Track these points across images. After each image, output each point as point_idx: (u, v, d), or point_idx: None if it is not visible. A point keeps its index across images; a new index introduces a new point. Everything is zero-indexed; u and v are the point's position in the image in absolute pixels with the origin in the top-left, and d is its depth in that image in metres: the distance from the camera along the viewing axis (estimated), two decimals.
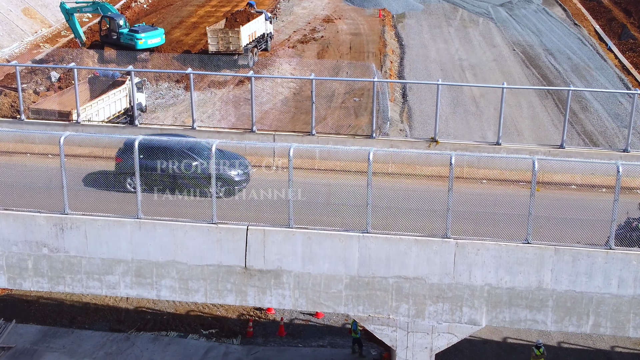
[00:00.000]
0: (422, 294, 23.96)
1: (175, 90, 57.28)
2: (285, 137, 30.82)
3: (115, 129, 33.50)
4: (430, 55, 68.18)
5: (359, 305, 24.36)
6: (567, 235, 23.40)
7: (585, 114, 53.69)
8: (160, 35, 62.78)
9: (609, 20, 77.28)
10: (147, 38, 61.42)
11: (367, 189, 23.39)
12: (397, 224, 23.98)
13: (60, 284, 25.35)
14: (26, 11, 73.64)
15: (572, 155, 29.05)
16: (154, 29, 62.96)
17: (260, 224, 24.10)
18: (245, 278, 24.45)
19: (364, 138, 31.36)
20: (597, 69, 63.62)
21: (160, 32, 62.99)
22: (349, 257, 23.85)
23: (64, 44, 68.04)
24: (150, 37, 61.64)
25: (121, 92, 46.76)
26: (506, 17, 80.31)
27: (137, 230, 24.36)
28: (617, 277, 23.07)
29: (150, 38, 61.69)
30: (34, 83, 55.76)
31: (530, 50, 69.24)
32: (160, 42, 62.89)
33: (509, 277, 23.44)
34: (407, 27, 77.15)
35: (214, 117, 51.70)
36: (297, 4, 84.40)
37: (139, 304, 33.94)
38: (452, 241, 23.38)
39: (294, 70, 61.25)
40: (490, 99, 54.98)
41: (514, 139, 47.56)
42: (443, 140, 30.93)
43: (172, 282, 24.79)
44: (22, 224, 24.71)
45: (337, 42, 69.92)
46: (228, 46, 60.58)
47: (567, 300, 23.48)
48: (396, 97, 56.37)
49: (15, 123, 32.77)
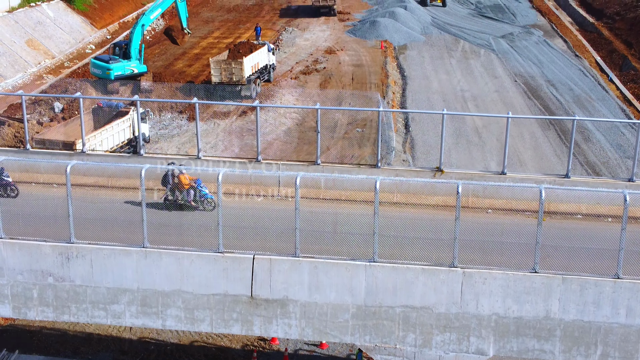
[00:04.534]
0: (429, 324, 23.83)
1: (179, 121, 57.41)
2: (290, 167, 30.80)
3: (120, 159, 33.50)
4: (433, 86, 68.43)
5: (365, 334, 24.23)
6: (574, 265, 23.34)
7: (588, 144, 53.76)
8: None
9: (610, 52, 77.63)
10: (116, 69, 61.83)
11: (374, 217, 23.34)
12: (403, 253, 23.91)
13: (65, 314, 25.23)
14: (30, 42, 74.03)
15: (577, 185, 29.00)
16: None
17: (267, 253, 24.03)
18: (252, 307, 24.34)
19: (369, 167, 31.31)
20: (599, 100, 63.81)
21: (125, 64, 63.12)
22: (355, 287, 23.76)
23: (67, 75, 68.33)
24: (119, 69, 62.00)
25: (125, 122, 46.91)
26: (507, 49, 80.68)
27: (143, 259, 24.30)
28: (625, 306, 22.96)
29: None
30: (38, 114, 55.90)
31: (531, 82, 69.50)
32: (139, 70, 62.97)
33: (517, 306, 23.34)
34: (409, 59, 77.48)
35: (217, 147, 51.77)
36: (299, 36, 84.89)
37: (143, 334, 33.77)
38: (460, 270, 23.31)
39: (297, 101, 61.44)
40: (493, 130, 55.10)
41: (516, 169, 47.55)
42: (448, 170, 30.91)
43: (177, 312, 24.68)
44: (28, 253, 24.65)
45: (340, 74, 70.22)
46: (231, 77, 60.89)
47: (575, 330, 23.36)
48: (399, 128, 56.48)
49: (21, 152, 32.76)
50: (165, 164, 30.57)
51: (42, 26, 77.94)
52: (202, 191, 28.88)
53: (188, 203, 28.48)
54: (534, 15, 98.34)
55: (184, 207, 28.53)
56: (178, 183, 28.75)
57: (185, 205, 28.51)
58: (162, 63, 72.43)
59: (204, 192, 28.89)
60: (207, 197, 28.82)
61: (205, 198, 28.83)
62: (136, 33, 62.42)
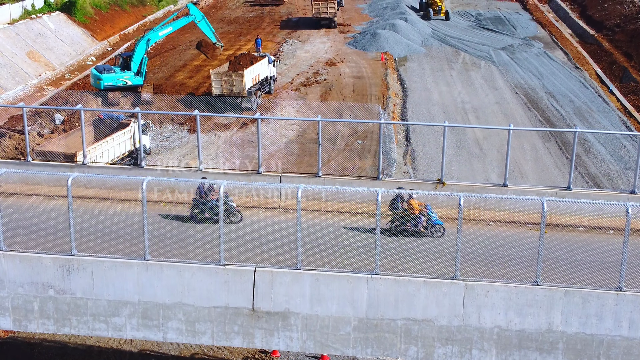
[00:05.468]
0: (431, 336, 23.76)
1: (180, 133, 57.43)
2: (291, 179, 30.80)
3: (121, 171, 33.49)
4: (433, 98, 68.45)
5: (367, 347, 24.15)
6: (576, 277, 23.29)
7: (589, 156, 53.73)
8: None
9: (610, 64, 77.71)
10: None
11: (376, 230, 23.32)
12: (405, 265, 23.87)
13: (66, 326, 25.16)
14: (31, 54, 74.15)
15: (579, 197, 28.98)
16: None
17: (268, 265, 23.99)
18: (253, 320, 24.28)
19: (370, 179, 31.34)
20: (600, 112, 63.82)
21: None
22: (357, 299, 23.71)
23: (68, 87, 68.40)
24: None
25: (125, 134, 46.91)
26: (508, 61, 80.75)
27: (144, 271, 24.25)
28: (628, 319, 22.90)
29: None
30: (38, 125, 55.91)
31: (532, 93, 69.53)
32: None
33: (519, 319, 23.28)
34: (410, 70, 77.54)
35: (218, 159, 51.75)
36: (299, 48, 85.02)
37: (143, 346, 33.67)
38: (461, 283, 23.26)
39: (298, 113, 61.45)
40: (494, 142, 55.07)
41: (517, 181, 47.48)
42: (449, 182, 30.90)
43: (179, 324, 24.61)
44: (29, 266, 24.61)
45: (340, 85, 70.29)
46: (232, 89, 60.93)
47: (578, 343, 23.29)
48: (399, 140, 56.46)
49: (21, 164, 32.79)
50: (165, 176, 30.58)
51: (42, 38, 78.06)
52: (432, 217, 27.79)
53: (417, 229, 27.31)
54: (534, 27, 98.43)
55: (417, 234, 27.27)
56: (409, 208, 27.70)
57: (416, 232, 27.26)
58: (162, 75, 72.50)
59: (434, 217, 27.80)
60: (437, 223, 27.69)
61: (434, 224, 27.73)
62: (140, 47, 62.55)
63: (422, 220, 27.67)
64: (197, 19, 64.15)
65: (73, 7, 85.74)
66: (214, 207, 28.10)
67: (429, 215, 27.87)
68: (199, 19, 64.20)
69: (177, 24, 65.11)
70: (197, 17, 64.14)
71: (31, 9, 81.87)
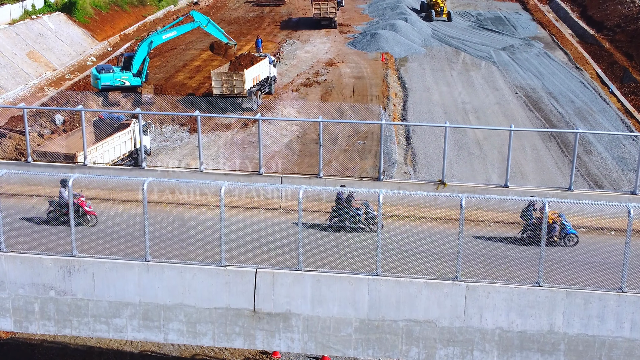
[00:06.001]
0: (432, 338, 23.72)
1: (180, 133, 57.39)
2: (292, 180, 30.74)
3: (122, 171, 33.44)
4: (433, 99, 68.40)
5: (368, 348, 24.11)
6: (578, 278, 23.25)
7: (590, 156, 53.68)
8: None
9: (611, 64, 77.68)
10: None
11: (378, 231, 23.29)
12: (407, 266, 23.82)
13: (66, 327, 25.12)
14: (31, 54, 74.11)
15: (580, 198, 28.95)
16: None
17: (269, 267, 23.95)
18: (254, 321, 24.23)
19: (371, 180, 31.29)
20: (600, 112, 63.78)
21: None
22: (358, 300, 23.67)
23: (68, 87, 68.35)
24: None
25: (126, 134, 46.89)
26: (508, 61, 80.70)
27: (145, 272, 24.21)
28: (630, 320, 22.86)
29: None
30: (39, 126, 55.88)
31: (532, 94, 69.48)
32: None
33: (521, 320, 23.23)
34: (410, 71, 77.50)
35: (219, 159, 51.71)
36: (300, 48, 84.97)
37: (144, 347, 33.62)
38: (463, 284, 23.22)
39: (298, 113, 61.41)
40: (494, 142, 55.01)
41: (518, 181, 47.35)
42: (450, 183, 30.85)
43: (179, 325, 24.56)
44: (30, 267, 24.56)
45: (341, 86, 70.24)
46: (232, 89, 60.90)
47: (579, 344, 23.24)
48: (400, 140, 56.40)
49: (22, 165, 32.72)
50: (166, 176, 30.54)
51: (43, 38, 78.02)
52: (567, 226, 27.31)
53: (551, 239, 26.55)
54: (534, 27, 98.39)
55: (550, 243, 26.34)
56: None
57: (550, 241, 26.15)
58: (163, 75, 72.42)
59: (568, 226, 27.30)
60: (570, 232, 27.26)
61: (568, 234, 27.29)
62: (142, 48, 62.61)
63: (556, 230, 27.18)
64: (202, 24, 64.11)
65: (73, 8, 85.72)
66: (355, 215, 28.05)
67: (562, 224, 27.37)
68: (204, 24, 64.16)
69: (181, 29, 65.13)
70: (203, 22, 64.10)
71: (31, 9, 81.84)
